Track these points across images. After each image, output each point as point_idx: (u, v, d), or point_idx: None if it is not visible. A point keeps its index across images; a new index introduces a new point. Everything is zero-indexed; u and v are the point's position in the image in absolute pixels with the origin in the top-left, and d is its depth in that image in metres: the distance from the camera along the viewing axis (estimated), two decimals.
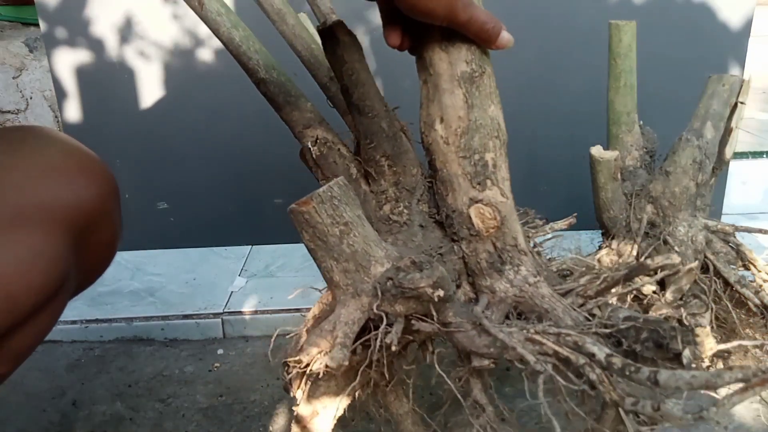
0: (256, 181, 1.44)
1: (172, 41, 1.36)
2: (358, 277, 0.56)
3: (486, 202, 0.58)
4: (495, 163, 0.58)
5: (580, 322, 0.54)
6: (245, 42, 0.69)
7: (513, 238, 0.59)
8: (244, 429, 0.92)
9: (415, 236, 0.64)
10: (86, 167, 0.46)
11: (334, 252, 0.55)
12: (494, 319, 0.57)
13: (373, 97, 0.62)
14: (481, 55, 0.56)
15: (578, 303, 0.57)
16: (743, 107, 0.89)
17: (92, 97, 1.40)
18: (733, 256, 0.88)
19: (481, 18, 0.52)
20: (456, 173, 0.58)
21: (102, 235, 0.48)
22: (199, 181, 1.47)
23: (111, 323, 1.17)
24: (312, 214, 0.53)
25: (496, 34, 0.53)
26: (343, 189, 0.55)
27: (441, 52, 0.55)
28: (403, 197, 0.65)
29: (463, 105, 0.56)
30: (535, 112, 1.40)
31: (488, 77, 0.57)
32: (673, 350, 0.46)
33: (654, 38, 1.32)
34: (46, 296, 0.43)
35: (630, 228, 0.87)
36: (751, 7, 1.35)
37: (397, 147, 0.64)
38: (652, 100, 1.09)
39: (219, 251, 1.48)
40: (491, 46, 0.55)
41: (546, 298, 0.57)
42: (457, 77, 0.56)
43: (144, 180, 1.44)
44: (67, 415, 0.96)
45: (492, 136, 0.57)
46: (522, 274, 0.59)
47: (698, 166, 0.84)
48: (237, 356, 1.11)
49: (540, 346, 0.52)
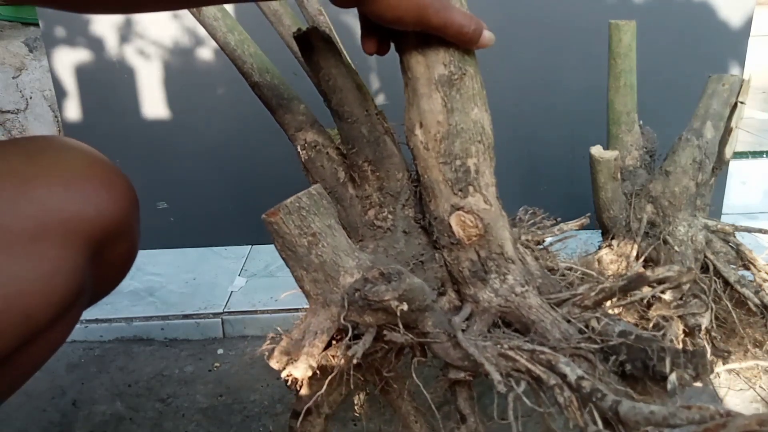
0: (256, 181, 1.44)
1: (171, 41, 1.36)
2: (327, 287, 0.55)
3: (468, 210, 0.56)
4: (478, 169, 0.56)
5: (569, 335, 0.52)
6: (240, 46, 0.70)
7: (499, 246, 0.57)
8: (244, 429, 0.92)
9: (398, 243, 0.63)
10: (108, 180, 0.45)
11: (303, 262, 0.55)
12: (476, 329, 0.56)
13: (351, 103, 0.61)
14: (462, 56, 0.53)
15: (575, 313, 0.55)
16: (743, 107, 0.89)
17: (92, 97, 1.40)
18: (733, 256, 0.88)
19: (457, 21, 0.49)
20: (437, 179, 0.56)
21: (121, 247, 0.48)
22: (199, 181, 1.47)
23: (111, 323, 1.17)
24: (280, 225, 0.53)
25: (477, 35, 0.50)
26: (313, 198, 0.54)
27: (417, 54, 0.53)
28: (388, 202, 0.64)
29: (442, 109, 0.54)
30: (535, 111, 1.40)
31: (471, 79, 0.54)
32: (658, 373, 0.45)
33: (654, 38, 1.32)
34: (62, 311, 0.42)
35: (630, 228, 0.87)
36: (751, 7, 1.35)
37: (379, 152, 0.63)
38: (652, 100, 1.09)
39: (219, 251, 1.48)
40: (472, 47, 0.52)
41: (534, 308, 0.55)
42: (435, 80, 0.53)
43: (144, 180, 1.44)
44: (67, 415, 0.96)
45: (474, 141, 0.55)
46: (509, 283, 0.57)
47: (698, 165, 0.84)
48: (237, 356, 1.11)
49: (513, 363, 0.50)
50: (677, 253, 0.84)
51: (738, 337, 0.85)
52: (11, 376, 0.44)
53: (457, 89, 0.53)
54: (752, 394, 0.90)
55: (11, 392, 0.45)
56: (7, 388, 0.45)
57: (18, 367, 0.43)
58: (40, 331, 0.41)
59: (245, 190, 1.46)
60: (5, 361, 0.41)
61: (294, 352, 0.56)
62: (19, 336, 0.40)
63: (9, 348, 0.39)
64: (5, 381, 0.44)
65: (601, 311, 0.55)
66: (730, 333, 0.86)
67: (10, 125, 1.83)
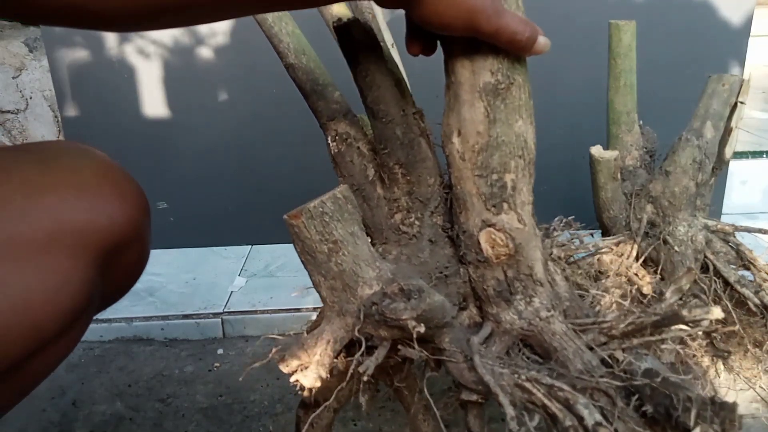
0: (256, 181, 1.44)
1: (171, 40, 1.36)
2: (344, 297, 0.53)
3: (499, 228, 0.53)
4: (515, 186, 0.52)
5: (591, 367, 0.50)
6: (278, 23, 0.65)
7: (528, 267, 0.54)
8: (244, 429, 0.92)
9: (422, 252, 0.60)
10: (120, 188, 0.44)
11: (321, 268, 0.53)
12: (495, 350, 0.53)
13: (388, 101, 0.58)
14: (512, 63, 0.50)
15: (600, 341, 0.52)
16: (743, 107, 0.89)
17: (92, 97, 1.40)
18: (733, 256, 0.88)
19: (510, 27, 0.46)
20: (470, 192, 0.53)
21: (132, 256, 0.47)
22: (199, 181, 1.47)
23: (111, 323, 1.17)
24: (301, 229, 0.51)
25: (531, 42, 0.48)
26: (338, 203, 0.51)
27: (464, 59, 0.50)
28: (416, 208, 0.61)
29: (484, 119, 0.51)
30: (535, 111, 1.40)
31: (518, 88, 0.51)
32: (682, 424, 0.42)
33: (654, 38, 1.32)
34: (71, 322, 0.42)
35: (630, 228, 0.87)
36: (751, 7, 1.35)
37: (412, 155, 0.59)
38: (652, 100, 1.09)
39: (219, 251, 1.48)
40: (526, 54, 0.49)
41: (557, 335, 0.52)
42: (479, 88, 0.50)
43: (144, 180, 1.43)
44: (67, 415, 0.96)
45: (515, 156, 0.52)
46: (534, 306, 0.54)
47: (698, 165, 0.84)
48: (237, 356, 1.11)
49: (529, 395, 0.48)
50: (677, 253, 0.84)
51: (738, 337, 0.85)
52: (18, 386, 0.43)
53: (502, 99, 0.50)
54: (752, 394, 0.90)
55: (18, 401, 0.45)
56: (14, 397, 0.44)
57: (25, 377, 0.43)
58: (48, 341, 0.41)
59: (245, 190, 1.46)
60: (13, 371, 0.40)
61: (305, 358, 0.54)
62: (27, 347, 0.39)
63: (17, 358, 0.39)
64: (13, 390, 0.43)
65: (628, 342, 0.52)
66: (730, 333, 0.86)
67: (10, 125, 1.83)
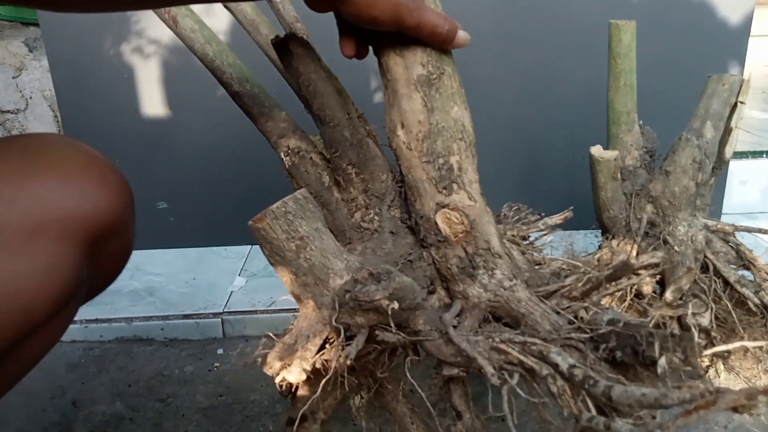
0: (256, 181, 1.44)
1: (171, 40, 1.36)
2: (317, 291, 0.56)
3: (453, 207, 0.56)
4: (461, 166, 0.56)
5: (559, 326, 0.52)
6: (219, 56, 0.70)
7: (485, 241, 0.58)
8: (244, 429, 0.92)
9: (386, 243, 0.63)
10: (105, 177, 0.46)
11: (292, 266, 0.56)
12: (467, 325, 0.56)
13: (333, 106, 0.62)
14: (439, 55, 0.54)
15: (563, 305, 0.55)
16: (743, 107, 0.89)
17: (92, 97, 1.40)
18: (733, 256, 0.88)
19: (431, 21, 0.50)
20: (421, 178, 0.57)
21: (116, 245, 0.48)
22: (199, 181, 1.47)
23: (111, 323, 1.17)
24: (267, 231, 0.54)
25: (452, 35, 0.51)
26: (299, 203, 0.55)
27: (396, 56, 0.54)
28: (373, 204, 0.64)
29: (423, 109, 0.54)
30: (535, 111, 1.40)
31: (449, 77, 0.55)
32: (648, 357, 0.45)
33: (654, 38, 1.32)
34: (60, 307, 0.43)
35: (630, 227, 0.87)
36: (751, 7, 1.35)
37: (362, 154, 0.63)
38: (652, 100, 1.09)
39: (219, 251, 1.48)
40: (448, 46, 0.53)
41: (523, 302, 0.55)
42: (414, 81, 0.54)
43: (144, 180, 1.44)
44: (67, 415, 0.96)
45: (456, 139, 0.55)
46: (497, 278, 0.57)
47: (698, 165, 0.84)
48: (237, 356, 1.11)
49: (506, 356, 0.50)
50: (677, 252, 0.84)
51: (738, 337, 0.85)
52: (9, 372, 0.44)
53: (436, 89, 0.54)
54: None
55: (9, 388, 0.46)
56: (5, 384, 0.45)
57: (15, 363, 0.44)
58: (38, 326, 0.42)
59: (245, 190, 1.46)
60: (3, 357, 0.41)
61: (287, 357, 0.57)
62: (17, 332, 0.40)
63: (7, 343, 0.40)
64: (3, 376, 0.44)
65: (589, 301, 0.55)
66: (730, 333, 0.86)
67: (10, 125, 1.83)
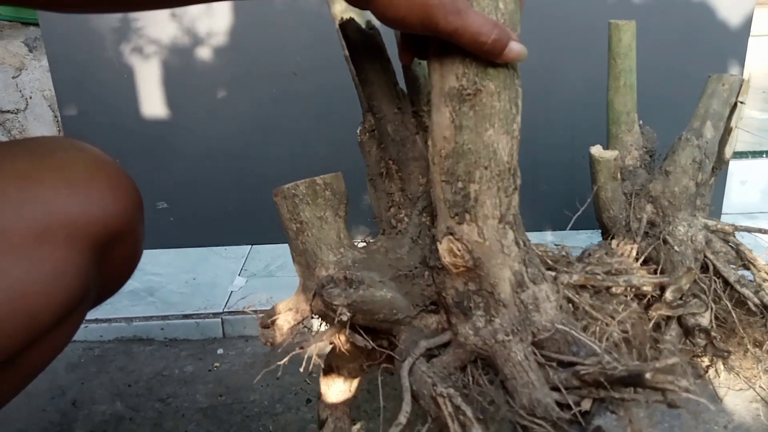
0: (256, 181, 1.44)
1: (171, 40, 1.36)
2: (307, 273, 0.59)
3: (458, 237, 0.51)
4: (478, 197, 0.50)
5: (536, 405, 0.47)
6: None
7: (491, 284, 0.52)
8: (244, 429, 0.92)
9: (401, 248, 0.61)
10: (113, 182, 0.45)
11: (292, 244, 0.60)
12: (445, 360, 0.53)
13: (380, 98, 0.60)
14: (483, 68, 0.47)
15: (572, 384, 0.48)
16: (743, 107, 0.89)
17: (92, 97, 1.40)
18: (733, 256, 0.88)
19: (472, 28, 0.43)
20: (438, 197, 0.52)
21: (125, 249, 0.48)
22: (199, 181, 1.47)
23: (111, 323, 1.17)
24: (278, 206, 0.58)
25: (499, 46, 0.44)
26: (313, 188, 0.57)
27: (435, 62, 0.48)
28: (405, 205, 0.63)
29: (449, 125, 0.49)
30: (535, 111, 1.40)
31: (490, 96, 0.48)
32: None
33: (654, 38, 1.32)
34: (67, 312, 0.42)
35: (630, 227, 0.87)
36: (751, 7, 1.35)
37: (403, 153, 0.61)
38: (652, 100, 1.09)
39: (219, 251, 1.48)
40: (495, 59, 0.45)
41: (510, 363, 0.50)
42: (445, 93, 0.48)
43: (144, 180, 1.44)
44: (67, 414, 0.96)
45: (481, 165, 0.49)
46: (494, 326, 0.51)
47: (698, 165, 0.84)
48: (237, 356, 1.11)
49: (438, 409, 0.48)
50: (677, 252, 0.84)
51: (738, 337, 0.85)
52: (16, 378, 0.44)
53: (470, 106, 0.48)
54: (752, 394, 0.90)
55: (16, 393, 0.45)
56: (12, 390, 0.45)
57: (22, 369, 0.43)
58: (45, 332, 0.41)
59: (245, 190, 1.46)
60: (10, 363, 0.41)
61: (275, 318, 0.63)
62: (24, 337, 0.40)
63: (14, 349, 0.39)
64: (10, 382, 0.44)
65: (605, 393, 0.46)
66: (730, 333, 0.86)
67: (10, 125, 1.83)
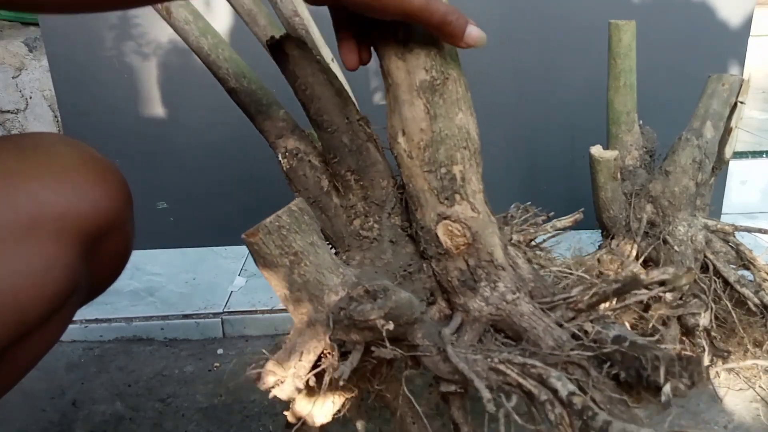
0: (256, 181, 1.44)
1: (171, 40, 1.36)
2: (312, 307, 0.54)
3: (455, 219, 0.54)
4: (464, 176, 0.53)
5: (562, 342, 0.51)
6: (214, 50, 0.67)
7: (488, 253, 0.55)
8: (244, 429, 0.92)
9: (385, 253, 0.61)
10: (102, 175, 0.45)
11: (285, 282, 0.54)
12: (467, 339, 0.54)
13: (331, 111, 0.59)
14: (444, 59, 0.51)
15: (568, 316, 0.53)
16: (743, 107, 0.89)
17: (92, 97, 1.40)
18: (733, 256, 0.88)
19: (441, 10, 0.45)
20: (422, 188, 0.54)
21: (115, 244, 0.48)
22: (199, 181, 1.47)
23: (111, 323, 1.17)
24: (261, 246, 0.52)
25: (461, 28, 0.46)
26: (294, 215, 0.52)
27: (397, 60, 0.50)
28: (373, 211, 0.62)
29: (425, 116, 0.51)
30: (535, 111, 1.40)
31: (454, 82, 0.51)
32: (653, 383, 0.44)
33: (654, 38, 1.32)
34: (56, 307, 0.42)
35: (630, 227, 0.87)
36: (751, 7, 1.35)
37: (362, 160, 0.61)
38: (652, 100, 1.09)
39: (219, 251, 1.48)
40: (459, 43, 0.47)
41: (525, 316, 0.53)
42: (416, 87, 0.50)
43: (144, 180, 1.44)
44: (67, 415, 0.96)
45: (460, 147, 0.53)
46: (499, 290, 0.55)
47: (698, 165, 0.84)
48: (237, 356, 1.11)
49: (504, 377, 0.49)
50: (677, 252, 0.84)
51: (738, 337, 0.85)
52: (6, 373, 0.44)
53: (440, 94, 0.51)
54: (752, 394, 0.90)
55: (8, 389, 0.45)
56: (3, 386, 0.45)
57: (13, 363, 0.43)
58: (35, 326, 0.42)
59: (245, 190, 1.46)
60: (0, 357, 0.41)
61: (280, 373, 0.55)
62: (13, 331, 0.40)
63: (3, 343, 0.39)
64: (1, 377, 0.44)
65: (595, 313, 0.53)
66: (730, 333, 0.86)
67: (9, 125, 1.83)
